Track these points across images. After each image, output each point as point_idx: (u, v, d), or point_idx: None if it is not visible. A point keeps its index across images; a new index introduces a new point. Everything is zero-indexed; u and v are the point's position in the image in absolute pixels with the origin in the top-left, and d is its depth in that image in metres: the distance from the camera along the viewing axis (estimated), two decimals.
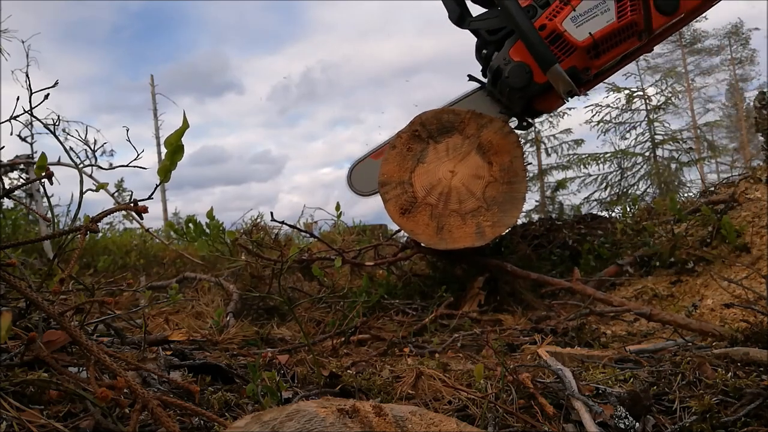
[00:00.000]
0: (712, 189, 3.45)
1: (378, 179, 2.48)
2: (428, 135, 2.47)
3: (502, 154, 2.40)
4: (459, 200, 2.38)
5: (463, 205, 2.38)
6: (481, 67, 2.59)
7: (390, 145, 2.51)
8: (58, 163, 2.34)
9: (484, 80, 2.57)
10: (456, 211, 2.37)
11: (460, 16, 2.37)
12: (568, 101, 2.38)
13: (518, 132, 2.53)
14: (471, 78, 2.57)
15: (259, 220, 3.22)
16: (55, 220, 1.64)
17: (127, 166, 1.53)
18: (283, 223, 2.39)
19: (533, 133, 14.32)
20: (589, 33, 2.14)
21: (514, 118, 2.58)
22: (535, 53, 2.11)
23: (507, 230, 2.41)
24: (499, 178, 2.38)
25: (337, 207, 3.29)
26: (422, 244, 2.45)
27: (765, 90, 3.26)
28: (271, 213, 2.31)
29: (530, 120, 2.57)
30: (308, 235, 2.91)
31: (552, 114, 13.06)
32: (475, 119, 2.45)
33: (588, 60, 2.20)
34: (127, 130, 1.67)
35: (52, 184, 1.14)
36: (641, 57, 2.55)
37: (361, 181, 2.68)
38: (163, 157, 1.00)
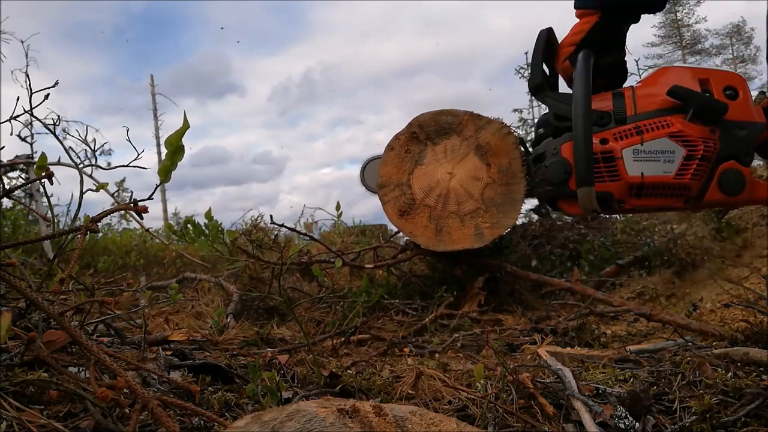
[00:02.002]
0: None
1: (376, 182, 2.47)
2: (426, 137, 2.46)
3: (500, 156, 2.38)
4: (457, 202, 2.38)
5: (462, 207, 2.37)
6: (534, 136, 2.47)
7: (388, 146, 2.50)
8: (58, 163, 2.34)
9: (530, 150, 2.47)
10: (455, 213, 2.36)
11: (539, 86, 2.21)
12: (588, 216, 2.27)
13: (518, 133, 2.50)
14: (521, 143, 2.48)
15: (258, 221, 3.22)
16: (55, 220, 1.64)
17: (127, 166, 1.53)
18: (282, 225, 2.39)
19: (533, 134, 14.30)
20: (641, 173, 2.00)
21: (536, 201, 2.49)
22: (578, 165, 1.97)
23: (506, 231, 2.39)
24: (497, 179, 2.37)
25: (338, 207, 3.29)
26: (421, 246, 2.44)
27: (764, 90, 3.26)
28: (271, 216, 2.31)
29: (549, 210, 2.47)
30: (308, 238, 2.90)
31: None
32: (473, 121, 2.44)
33: (627, 195, 2.04)
34: (128, 130, 1.67)
35: (52, 184, 1.14)
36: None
37: (374, 177, 2.64)
38: (163, 157, 1.00)
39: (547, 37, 2.23)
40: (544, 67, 2.26)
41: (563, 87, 2.38)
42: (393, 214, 2.40)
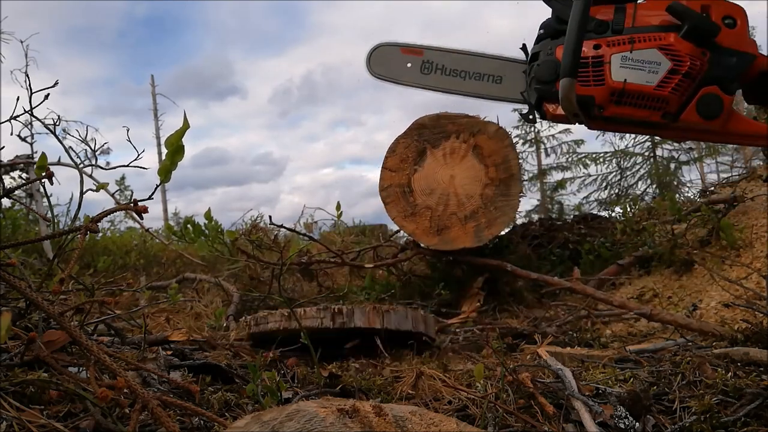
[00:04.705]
0: (712, 189, 3.45)
1: (378, 184, 2.52)
2: (426, 140, 2.51)
3: (497, 157, 2.44)
4: (457, 202, 2.42)
5: (462, 207, 2.41)
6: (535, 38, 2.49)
7: (389, 149, 2.55)
8: (58, 163, 2.34)
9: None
10: (454, 213, 2.41)
11: None
12: (573, 123, 2.29)
13: (516, 132, 2.52)
14: (523, 48, 2.48)
15: (258, 221, 3.22)
16: (55, 220, 1.64)
17: (127, 166, 1.53)
18: (281, 226, 2.40)
19: (533, 133, 14.29)
20: (625, 79, 2.03)
21: (525, 107, 2.52)
22: (564, 58, 1.97)
23: (504, 230, 2.42)
24: (495, 179, 2.42)
25: (338, 207, 3.29)
26: (422, 245, 2.47)
27: None
28: (270, 217, 2.32)
29: (537, 116, 2.49)
30: (307, 238, 2.91)
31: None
32: (471, 123, 2.49)
33: (608, 100, 2.08)
34: (128, 131, 1.67)
35: (52, 184, 1.14)
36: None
37: (380, 65, 2.62)
38: (163, 157, 1.00)
39: None
40: None
41: None
42: (395, 215, 2.46)
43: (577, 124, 2.27)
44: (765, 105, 2.28)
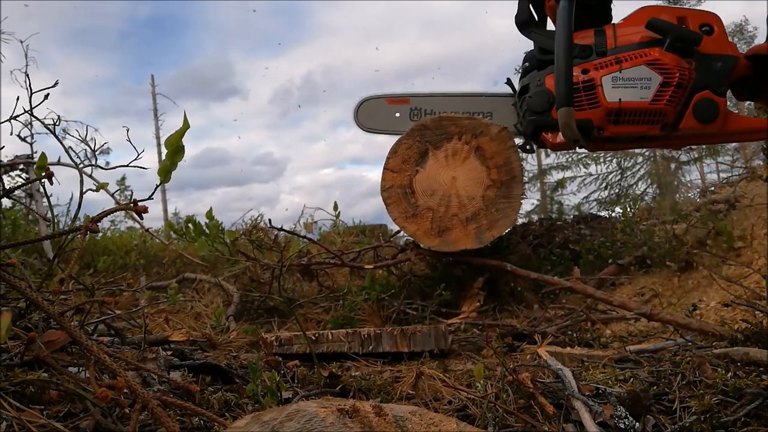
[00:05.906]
0: (712, 189, 3.45)
1: (380, 185, 2.53)
2: (428, 140, 2.52)
3: (499, 158, 2.45)
4: (459, 204, 2.43)
5: (463, 209, 2.42)
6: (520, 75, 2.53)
7: (391, 150, 2.56)
8: (58, 163, 2.34)
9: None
10: (456, 215, 2.42)
11: (525, 22, 2.28)
12: (573, 149, 2.33)
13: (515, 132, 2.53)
14: (508, 82, 2.52)
15: (259, 221, 3.22)
16: (55, 220, 1.64)
17: (127, 166, 1.53)
18: (281, 229, 2.41)
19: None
20: (619, 99, 2.09)
21: (522, 138, 2.56)
22: (558, 88, 2.01)
23: (505, 232, 2.42)
24: (497, 181, 2.43)
25: (335, 207, 3.31)
26: (423, 246, 2.47)
27: None
28: (269, 220, 2.33)
29: (535, 146, 2.52)
30: (307, 239, 2.91)
31: None
32: (473, 124, 2.49)
33: (605, 121, 2.13)
34: (128, 131, 1.67)
35: (52, 184, 1.14)
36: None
37: (367, 117, 2.65)
38: (163, 157, 1.00)
39: None
40: (532, 9, 2.32)
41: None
42: (397, 216, 2.47)
43: (578, 149, 2.30)
44: (756, 98, 2.30)
